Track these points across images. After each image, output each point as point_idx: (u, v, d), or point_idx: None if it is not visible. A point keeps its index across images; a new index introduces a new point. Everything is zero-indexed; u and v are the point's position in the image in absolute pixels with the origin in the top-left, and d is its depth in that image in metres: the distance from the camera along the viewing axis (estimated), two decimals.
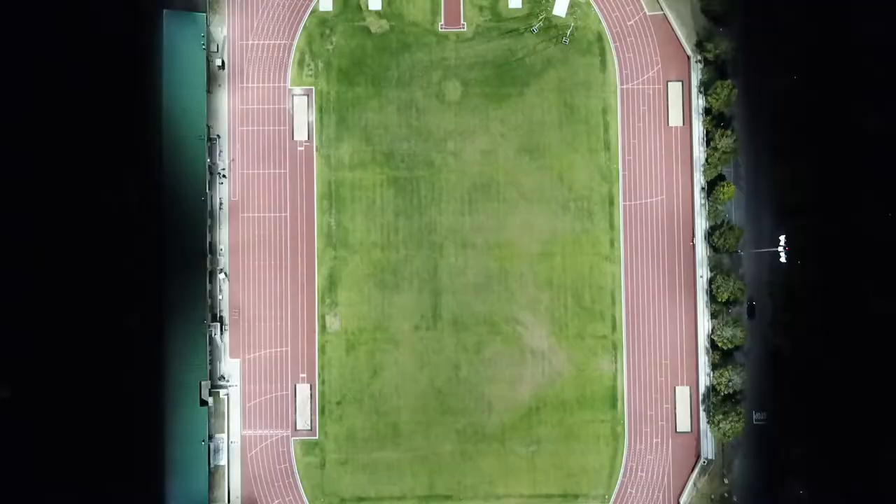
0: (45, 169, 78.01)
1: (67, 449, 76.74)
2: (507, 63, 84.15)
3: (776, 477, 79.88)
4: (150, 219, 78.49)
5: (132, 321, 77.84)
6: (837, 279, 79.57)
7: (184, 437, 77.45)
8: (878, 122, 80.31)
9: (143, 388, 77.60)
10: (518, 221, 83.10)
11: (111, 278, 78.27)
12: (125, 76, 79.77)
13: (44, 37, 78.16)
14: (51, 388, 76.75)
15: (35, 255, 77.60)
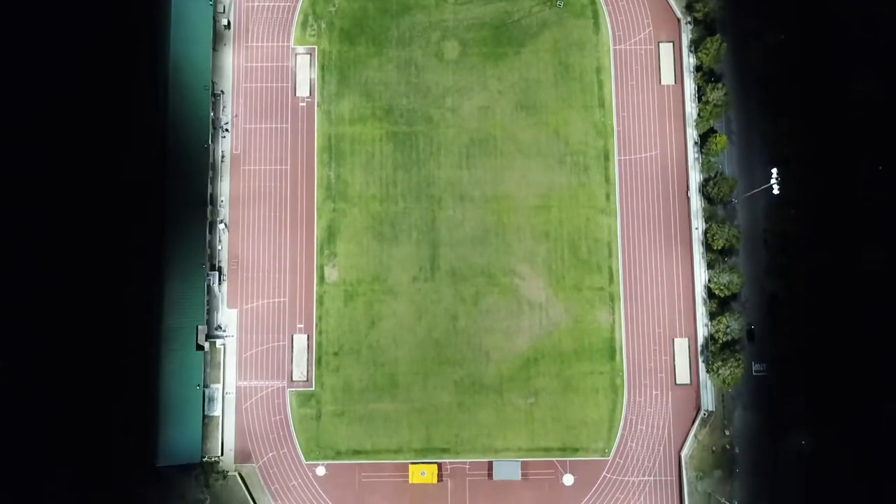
0: (53, 112, 79.61)
1: (61, 395, 75.91)
2: (503, 25, 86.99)
3: (777, 428, 78.85)
4: (153, 166, 79.64)
5: (132, 266, 78.11)
6: (829, 229, 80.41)
7: (179, 383, 76.69)
8: (866, 79, 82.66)
9: (139, 334, 77.33)
10: (515, 175, 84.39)
11: (113, 223, 78.94)
12: (135, 31, 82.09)
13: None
14: (47, 329, 76.52)
15: (38, 197, 78.41)
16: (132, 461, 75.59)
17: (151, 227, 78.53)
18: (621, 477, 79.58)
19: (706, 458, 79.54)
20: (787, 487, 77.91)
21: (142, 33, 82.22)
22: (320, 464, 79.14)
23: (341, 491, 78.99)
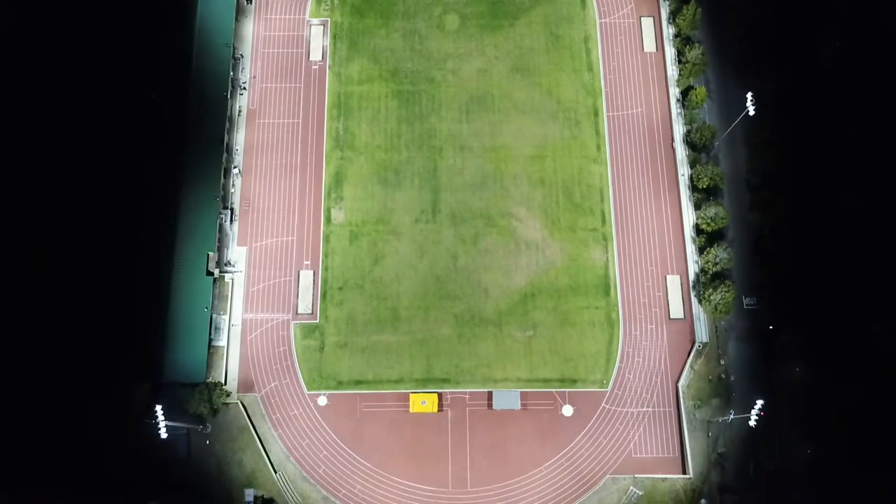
0: (91, 55, 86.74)
1: (71, 311, 78.35)
2: (499, 1, 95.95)
3: (771, 357, 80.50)
4: (177, 109, 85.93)
5: (152, 196, 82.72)
6: (807, 168, 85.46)
7: (188, 305, 79.33)
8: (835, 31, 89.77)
9: (154, 260, 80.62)
10: (511, 129, 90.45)
11: (137, 157, 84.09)
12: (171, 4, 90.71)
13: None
14: (69, 246, 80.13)
15: (73, 128, 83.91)
16: (138, 377, 76.80)
17: (171, 163, 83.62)
18: (620, 408, 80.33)
19: (703, 387, 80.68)
20: (782, 412, 78.57)
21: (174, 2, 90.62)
22: (322, 394, 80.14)
23: (342, 420, 79.55)
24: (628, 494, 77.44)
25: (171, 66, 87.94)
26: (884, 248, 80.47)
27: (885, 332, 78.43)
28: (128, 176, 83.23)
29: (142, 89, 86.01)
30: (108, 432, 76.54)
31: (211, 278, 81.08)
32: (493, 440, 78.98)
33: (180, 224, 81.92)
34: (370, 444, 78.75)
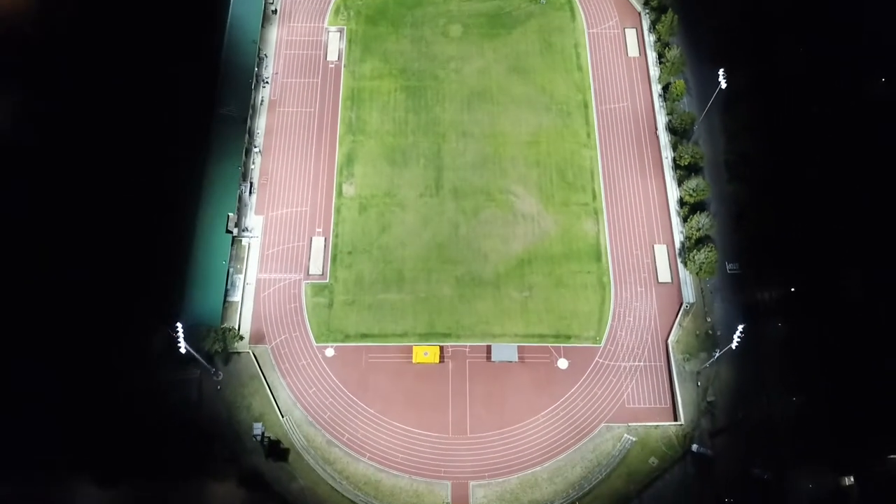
0: (142, 46, 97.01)
1: (104, 258, 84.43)
2: (497, 14, 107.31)
3: (754, 314, 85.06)
4: (209, 76, 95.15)
5: (182, 159, 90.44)
6: (780, 147, 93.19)
7: (208, 259, 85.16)
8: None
9: (180, 218, 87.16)
10: (509, 119, 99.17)
11: (169, 128, 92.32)
12: (206, 8, 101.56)
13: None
14: (107, 197, 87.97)
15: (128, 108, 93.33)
16: (159, 320, 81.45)
17: (200, 138, 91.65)
18: (613, 362, 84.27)
19: (691, 342, 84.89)
20: (767, 363, 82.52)
21: (210, 7, 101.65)
22: (329, 346, 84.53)
23: (348, 370, 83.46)
24: (622, 441, 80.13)
25: (204, 58, 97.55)
26: (845, 215, 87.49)
27: (852, 286, 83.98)
28: (164, 144, 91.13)
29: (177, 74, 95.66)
30: (128, 373, 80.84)
31: (230, 236, 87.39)
32: (491, 390, 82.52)
33: (205, 189, 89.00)
34: (374, 393, 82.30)
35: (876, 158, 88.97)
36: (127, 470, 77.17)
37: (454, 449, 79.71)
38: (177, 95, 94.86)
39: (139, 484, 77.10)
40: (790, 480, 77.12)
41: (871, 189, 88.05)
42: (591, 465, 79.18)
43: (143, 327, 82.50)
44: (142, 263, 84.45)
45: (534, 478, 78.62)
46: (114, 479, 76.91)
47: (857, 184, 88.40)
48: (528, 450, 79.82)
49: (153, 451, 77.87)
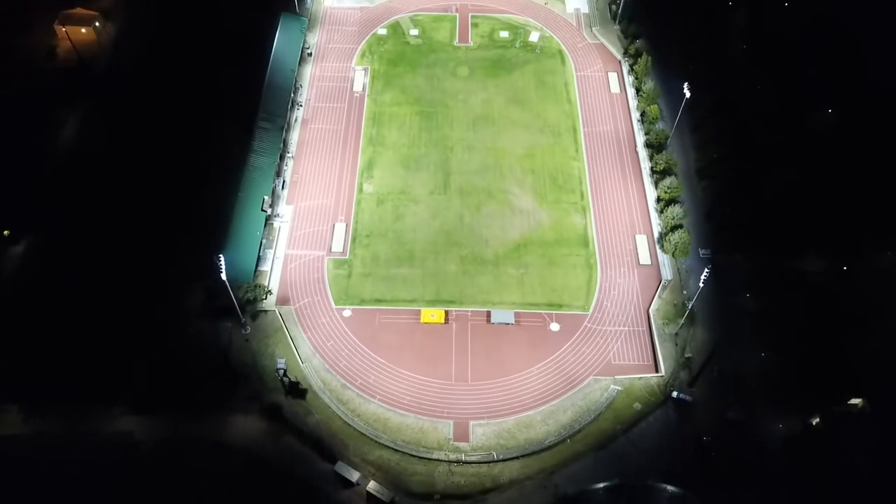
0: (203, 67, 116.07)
1: (154, 223, 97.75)
2: (499, 60, 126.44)
3: (724, 288, 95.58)
4: (253, 98, 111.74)
5: (227, 151, 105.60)
6: (743, 155, 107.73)
7: (244, 230, 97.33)
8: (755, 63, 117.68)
9: (223, 197, 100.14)
10: (508, 137, 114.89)
11: (222, 129, 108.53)
12: (255, 46, 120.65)
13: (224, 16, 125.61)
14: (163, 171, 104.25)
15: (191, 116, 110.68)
16: (199, 278, 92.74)
17: (244, 138, 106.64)
18: (600, 326, 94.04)
19: (670, 310, 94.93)
20: (737, 327, 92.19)
21: (259, 43, 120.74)
22: (347, 308, 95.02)
23: (362, 328, 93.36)
24: (609, 390, 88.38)
25: (251, 83, 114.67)
26: (797, 208, 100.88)
27: (809, 264, 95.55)
28: (217, 143, 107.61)
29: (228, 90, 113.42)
30: (171, 322, 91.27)
31: (264, 214, 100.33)
32: (490, 347, 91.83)
33: (246, 178, 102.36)
34: (385, 346, 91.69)
35: (816, 166, 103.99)
36: (166, 403, 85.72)
37: (456, 394, 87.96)
38: (229, 109, 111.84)
39: (175, 414, 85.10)
40: (761, 421, 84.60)
41: (816, 187, 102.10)
42: (580, 410, 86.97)
43: (187, 284, 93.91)
44: (190, 231, 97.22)
45: (528, 419, 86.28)
46: (154, 409, 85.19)
47: (805, 184, 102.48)
48: (523, 396, 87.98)
49: (188, 388, 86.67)
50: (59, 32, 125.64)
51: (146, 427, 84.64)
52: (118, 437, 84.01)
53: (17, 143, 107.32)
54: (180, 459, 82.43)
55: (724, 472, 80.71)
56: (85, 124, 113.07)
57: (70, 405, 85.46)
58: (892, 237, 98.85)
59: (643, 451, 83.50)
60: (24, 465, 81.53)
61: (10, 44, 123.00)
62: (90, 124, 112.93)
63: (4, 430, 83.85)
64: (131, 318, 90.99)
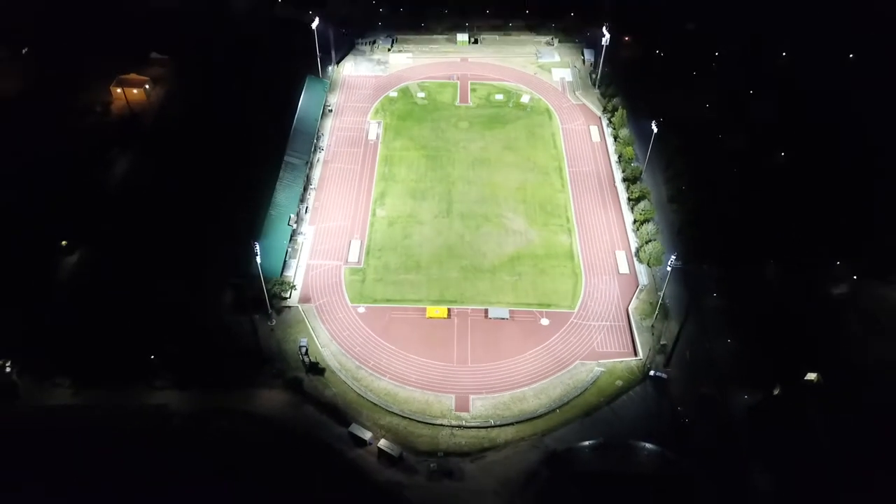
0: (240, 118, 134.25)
1: (198, 228, 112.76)
2: (495, 116, 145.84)
3: (695, 291, 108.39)
4: (281, 141, 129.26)
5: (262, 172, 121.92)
6: (705, 185, 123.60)
7: (273, 239, 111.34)
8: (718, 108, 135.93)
9: (255, 210, 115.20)
10: (502, 175, 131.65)
11: (256, 161, 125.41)
12: (284, 101, 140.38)
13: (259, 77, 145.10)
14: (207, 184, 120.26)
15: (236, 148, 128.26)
16: (231, 276, 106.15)
17: (274, 169, 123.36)
18: (585, 322, 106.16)
19: (647, 308, 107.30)
20: (706, 321, 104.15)
21: (288, 99, 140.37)
22: (361, 305, 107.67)
23: (375, 322, 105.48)
24: (593, 371, 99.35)
25: (281, 127, 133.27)
26: (753, 226, 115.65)
27: (771, 272, 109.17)
28: (252, 171, 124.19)
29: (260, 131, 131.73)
30: (206, 312, 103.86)
31: (289, 228, 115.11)
32: (488, 337, 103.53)
33: (276, 199, 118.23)
34: (394, 335, 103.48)
35: (769, 194, 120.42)
36: (199, 379, 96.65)
37: (458, 373, 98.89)
38: (261, 147, 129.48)
39: (207, 389, 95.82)
40: (729, 395, 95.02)
41: (768, 210, 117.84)
42: (568, 387, 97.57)
43: (223, 281, 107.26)
44: (227, 239, 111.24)
45: (522, 394, 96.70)
46: (189, 385, 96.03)
47: (759, 207, 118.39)
48: (517, 376, 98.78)
49: (219, 367, 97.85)
50: (115, 93, 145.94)
51: (182, 399, 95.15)
52: (156, 408, 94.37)
53: (78, 176, 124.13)
54: (211, 425, 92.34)
55: (694, 433, 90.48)
56: (135, 162, 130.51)
57: (115, 381, 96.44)
58: (828, 250, 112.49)
59: (624, 418, 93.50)
60: (74, 430, 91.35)
61: (75, 100, 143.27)
62: (140, 161, 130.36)
63: (58, 401, 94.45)
64: (173, 309, 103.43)
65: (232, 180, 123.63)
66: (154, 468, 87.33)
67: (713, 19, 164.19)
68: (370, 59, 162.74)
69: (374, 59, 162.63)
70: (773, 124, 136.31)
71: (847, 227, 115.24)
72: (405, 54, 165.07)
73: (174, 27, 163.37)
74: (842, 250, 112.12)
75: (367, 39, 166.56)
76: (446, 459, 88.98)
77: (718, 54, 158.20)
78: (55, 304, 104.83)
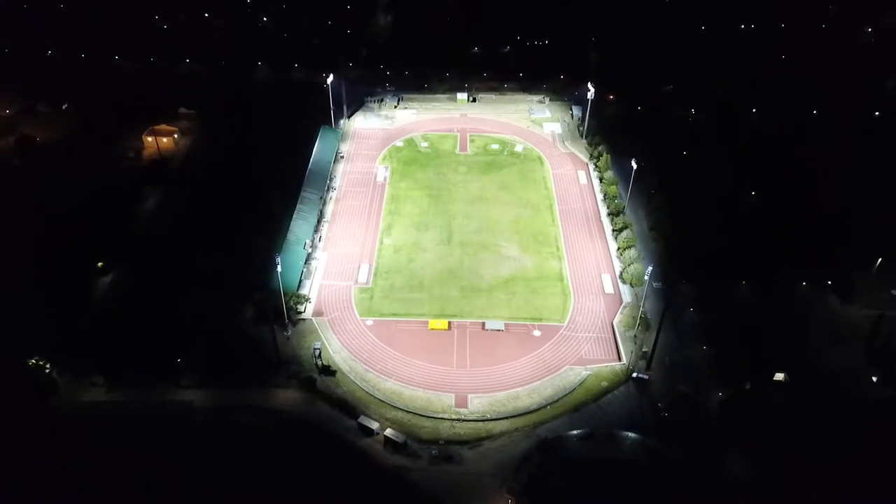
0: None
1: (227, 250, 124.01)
2: (491, 163, 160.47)
3: (674, 308, 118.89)
4: (298, 181, 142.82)
5: (278, 207, 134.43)
6: (681, 218, 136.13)
7: (290, 260, 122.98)
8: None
9: (274, 236, 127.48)
10: (498, 211, 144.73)
11: (277, 196, 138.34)
12: (301, 146, 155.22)
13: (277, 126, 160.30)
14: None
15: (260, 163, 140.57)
16: (253, 292, 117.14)
17: (292, 202, 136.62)
18: (573, 333, 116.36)
19: (630, 322, 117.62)
20: (684, 333, 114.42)
21: (304, 145, 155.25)
22: (369, 319, 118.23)
23: (382, 331, 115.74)
24: (581, 374, 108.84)
25: (298, 168, 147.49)
26: (726, 249, 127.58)
27: (743, 291, 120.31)
28: (273, 204, 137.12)
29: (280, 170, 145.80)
30: (230, 323, 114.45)
31: (305, 252, 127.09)
32: (485, 346, 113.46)
33: (294, 226, 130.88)
34: (400, 344, 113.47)
35: (740, 226, 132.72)
36: (222, 380, 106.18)
37: (457, 376, 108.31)
38: (279, 184, 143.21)
39: (228, 388, 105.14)
40: (704, 393, 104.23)
41: (739, 239, 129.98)
42: (558, 388, 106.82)
43: (244, 296, 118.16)
44: (249, 260, 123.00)
45: (516, 394, 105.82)
46: (211, 384, 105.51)
47: (731, 236, 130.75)
48: (511, 379, 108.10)
49: (240, 369, 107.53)
50: (147, 141, 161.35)
51: (205, 396, 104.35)
52: (182, 404, 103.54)
53: (113, 210, 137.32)
54: (231, 418, 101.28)
55: (673, 424, 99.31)
56: (165, 196, 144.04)
57: (145, 380, 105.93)
58: (795, 273, 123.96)
59: (609, 413, 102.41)
60: (107, 424, 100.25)
61: (111, 146, 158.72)
62: (169, 196, 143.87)
63: (94, 398, 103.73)
64: (200, 319, 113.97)
65: (252, 211, 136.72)
66: (180, 456, 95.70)
67: (687, 80, 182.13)
68: (378, 115, 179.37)
69: (382, 115, 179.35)
70: (742, 166, 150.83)
71: (812, 254, 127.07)
72: (410, 111, 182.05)
73: (201, 86, 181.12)
74: (808, 274, 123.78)
75: (375, 97, 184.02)
76: (447, 446, 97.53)
77: (694, 111, 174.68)
78: (92, 314, 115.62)
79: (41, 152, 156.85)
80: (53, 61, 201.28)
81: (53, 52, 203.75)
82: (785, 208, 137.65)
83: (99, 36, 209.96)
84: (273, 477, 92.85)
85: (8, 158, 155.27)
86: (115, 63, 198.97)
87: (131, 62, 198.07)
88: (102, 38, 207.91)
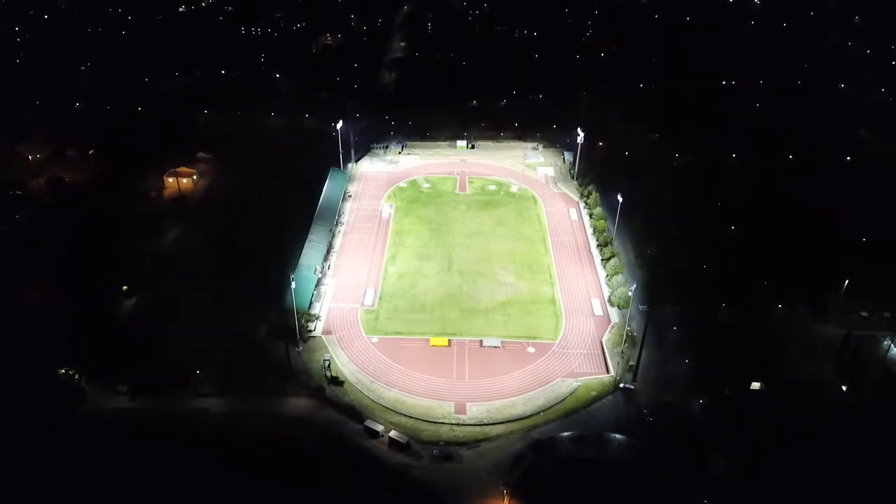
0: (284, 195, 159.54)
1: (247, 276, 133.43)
2: (489, 202, 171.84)
3: (659, 326, 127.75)
4: (308, 216, 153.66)
5: (292, 237, 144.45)
6: (666, 248, 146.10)
7: (303, 284, 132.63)
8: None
9: (287, 264, 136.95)
10: (495, 243, 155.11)
11: (290, 228, 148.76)
12: (311, 186, 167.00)
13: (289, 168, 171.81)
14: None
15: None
16: (268, 310, 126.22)
17: (304, 233, 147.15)
18: (565, 350, 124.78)
19: (617, 340, 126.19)
20: (667, 350, 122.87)
21: (314, 185, 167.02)
22: (375, 337, 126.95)
23: (386, 348, 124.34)
24: (572, 385, 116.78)
25: (309, 204, 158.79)
26: (706, 277, 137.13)
27: (723, 313, 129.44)
28: (286, 237, 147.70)
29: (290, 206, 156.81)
30: (247, 338, 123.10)
31: (315, 277, 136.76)
32: (482, 361, 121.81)
33: (304, 254, 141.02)
34: (403, 359, 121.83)
35: (719, 257, 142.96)
36: (237, 389, 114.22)
37: (457, 386, 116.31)
38: (292, 217, 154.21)
39: (243, 396, 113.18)
40: (687, 400, 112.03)
41: (718, 267, 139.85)
42: (551, 397, 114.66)
43: (260, 314, 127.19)
44: (265, 283, 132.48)
45: (511, 403, 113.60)
46: (227, 393, 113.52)
47: (711, 264, 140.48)
48: (507, 390, 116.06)
49: (253, 379, 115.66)
50: (167, 182, 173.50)
51: (221, 404, 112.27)
52: (198, 411, 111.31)
53: (136, 242, 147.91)
54: (245, 423, 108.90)
55: (658, 428, 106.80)
56: (185, 230, 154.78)
57: (166, 389, 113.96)
58: (772, 294, 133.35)
59: (598, 419, 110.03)
60: (130, 429, 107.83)
61: (135, 186, 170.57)
62: (189, 229, 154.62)
63: (118, 405, 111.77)
64: (216, 335, 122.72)
65: (266, 241, 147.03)
66: (197, 458, 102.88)
67: (670, 129, 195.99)
68: (383, 160, 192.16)
69: (387, 160, 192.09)
70: (722, 202, 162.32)
71: (787, 277, 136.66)
72: (413, 156, 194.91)
73: (217, 134, 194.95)
74: (783, 296, 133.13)
75: (381, 144, 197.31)
76: (447, 447, 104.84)
77: (677, 155, 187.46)
78: (118, 331, 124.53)
79: (70, 191, 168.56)
80: (81, 113, 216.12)
81: (81, 105, 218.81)
82: (761, 235, 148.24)
83: (124, 89, 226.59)
84: (284, 475, 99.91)
85: (39, 197, 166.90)
86: (139, 114, 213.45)
87: (154, 112, 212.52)
88: (128, 91, 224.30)
